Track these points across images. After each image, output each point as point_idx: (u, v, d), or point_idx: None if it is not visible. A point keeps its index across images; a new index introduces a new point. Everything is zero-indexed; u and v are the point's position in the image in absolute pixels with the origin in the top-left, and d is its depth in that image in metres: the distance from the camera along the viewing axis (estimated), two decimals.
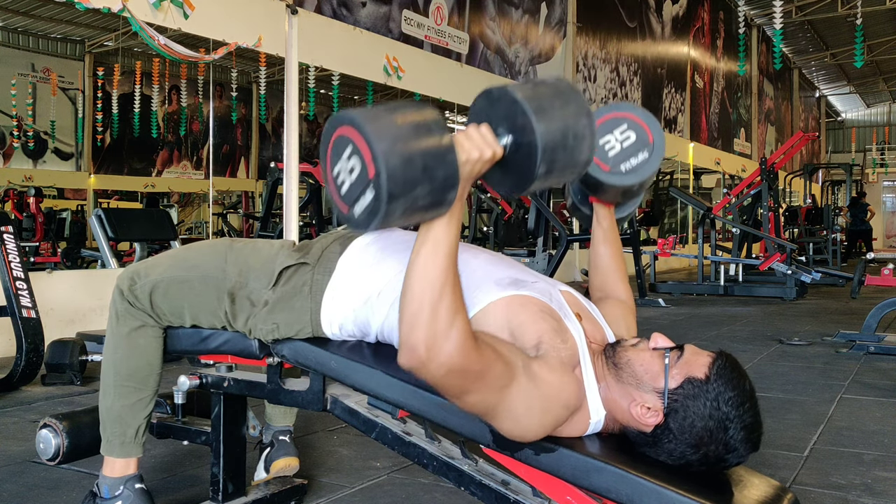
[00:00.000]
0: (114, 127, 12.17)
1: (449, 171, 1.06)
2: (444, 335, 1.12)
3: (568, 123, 1.13)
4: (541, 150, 1.10)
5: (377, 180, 1.02)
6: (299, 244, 1.64)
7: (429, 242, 1.14)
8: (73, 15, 10.82)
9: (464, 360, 1.13)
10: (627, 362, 1.29)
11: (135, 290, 1.64)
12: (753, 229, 8.96)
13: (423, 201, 1.06)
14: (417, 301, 1.13)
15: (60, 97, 11.98)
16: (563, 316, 1.33)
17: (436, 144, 1.05)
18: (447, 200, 1.09)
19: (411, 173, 1.02)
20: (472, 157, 1.12)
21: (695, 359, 1.25)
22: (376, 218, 1.05)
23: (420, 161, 1.03)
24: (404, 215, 1.06)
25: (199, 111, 13.14)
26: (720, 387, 1.21)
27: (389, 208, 1.03)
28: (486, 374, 1.16)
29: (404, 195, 1.03)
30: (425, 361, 1.13)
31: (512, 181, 1.18)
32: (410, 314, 1.14)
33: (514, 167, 1.16)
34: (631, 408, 1.26)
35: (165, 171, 13.06)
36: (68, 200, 11.90)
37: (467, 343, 1.13)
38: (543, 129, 1.10)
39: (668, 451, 1.24)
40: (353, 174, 1.07)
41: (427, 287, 1.13)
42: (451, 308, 1.13)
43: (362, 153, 1.04)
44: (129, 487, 1.65)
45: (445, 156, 1.06)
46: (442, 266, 1.14)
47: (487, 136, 1.14)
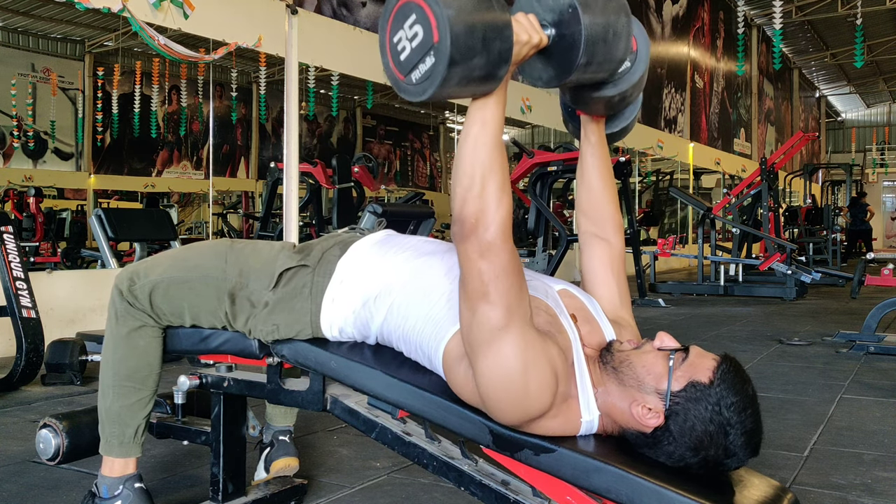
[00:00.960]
0: (114, 127, 12.17)
1: (505, 45, 1.12)
2: (493, 210, 1.18)
3: (609, 20, 1.21)
4: (584, 41, 1.18)
5: (440, 45, 1.08)
6: (299, 246, 1.65)
7: (477, 122, 1.20)
8: (73, 15, 10.82)
9: (503, 241, 1.19)
10: (629, 364, 1.28)
11: (134, 290, 1.63)
12: (753, 229, 8.97)
13: (479, 72, 1.11)
14: (469, 177, 1.19)
15: (60, 97, 11.97)
16: (558, 313, 1.34)
17: (496, 18, 1.12)
18: (499, 75, 1.14)
19: (472, 41, 1.08)
20: (522, 39, 1.18)
21: (699, 361, 1.25)
22: (434, 84, 1.10)
23: (481, 31, 1.09)
24: (459, 84, 1.12)
25: (199, 111, 13.13)
26: (723, 391, 1.21)
27: (449, 73, 1.08)
28: (506, 278, 1.20)
29: (464, 62, 1.09)
30: (475, 229, 1.18)
31: (552, 70, 1.26)
32: (462, 189, 1.19)
33: (557, 56, 1.24)
34: (632, 408, 1.26)
35: (165, 171, 13.05)
36: (68, 200, 11.89)
37: (509, 225, 1.20)
38: (588, 22, 1.18)
39: (667, 453, 1.24)
40: (414, 40, 1.13)
41: (478, 164, 1.19)
42: (500, 186, 1.19)
43: (428, 19, 1.09)
44: (128, 487, 1.65)
45: (503, 30, 1.12)
46: (490, 144, 1.19)
47: (535, 24, 1.21)
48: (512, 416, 1.24)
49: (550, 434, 1.26)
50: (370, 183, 7.92)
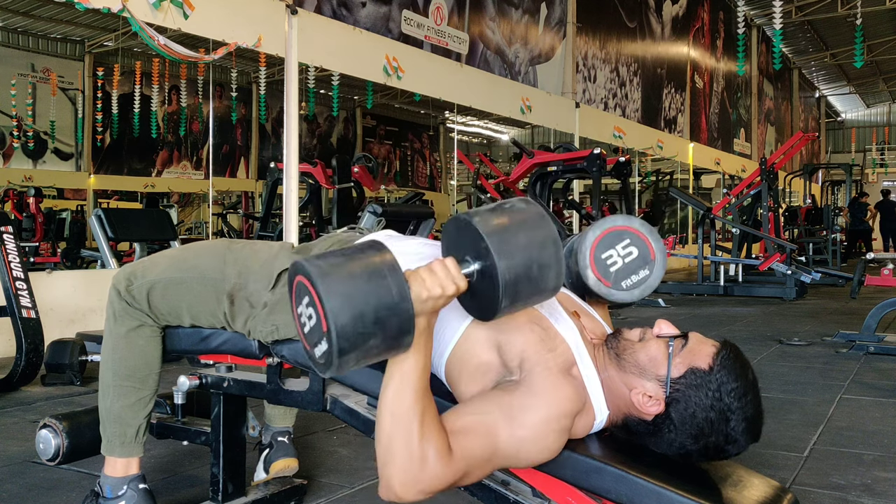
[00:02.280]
0: (114, 127, 12.17)
1: (402, 319, 1.07)
2: (418, 464, 1.12)
3: (532, 255, 1.13)
4: (502, 285, 1.11)
5: (329, 336, 1.04)
6: (298, 246, 1.64)
7: (395, 378, 1.15)
8: (73, 15, 10.82)
9: (443, 479, 1.14)
10: (631, 352, 1.28)
11: (132, 290, 1.63)
12: (753, 229, 8.97)
13: (378, 350, 1.07)
14: (387, 437, 1.14)
15: (60, 97, 11.97)
16: (553, 321, 1.32)
17: (388, 295, 1.06)
18: (403, 345, 1.10)
19: (362, 328, 1.04)
20: (434, 294, 1.12)
21: (699, 348, 1.25)
22: (332, 367, 1.06)
23: (371, 314, 1.04)
24: (360, 362, 1.08)
25: (198, 111, 13.14)
26: (723, 377, 1.21)
27: (342, 360, 1.05)
28: (473, 466, 1.17)
29: (356, 348, 1.05)
30: (401, 496, 1.13)
31: (478, 309, 1.20)
32: (383, 449, 1.14)
33: (480, 295, 1.17)
34: (632, 395, 1.26)
35: (165, 171, 13.05)
36: (68, 200, 11.90)
37: (443, 459, 1.13)
38: (504, 266, 1.10)
39: (668, 441, 1.24)
40: (311, 321, 1.09)
41: (396, 422, 1.13)
42: (420, 435, 1.13)
43: (316, 307, 1.06)
44: (132, 487, 1.65)
45: (398, 305, 1.06)
46: (410, 400, 1.14)
47: (452, 271, 1.14)
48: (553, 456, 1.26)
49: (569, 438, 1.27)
50: (370, 183, 7.92)
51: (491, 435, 1.18)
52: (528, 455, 1.21)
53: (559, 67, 10.37)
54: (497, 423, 1.19)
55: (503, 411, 1.20)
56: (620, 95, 12.22)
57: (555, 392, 1.22)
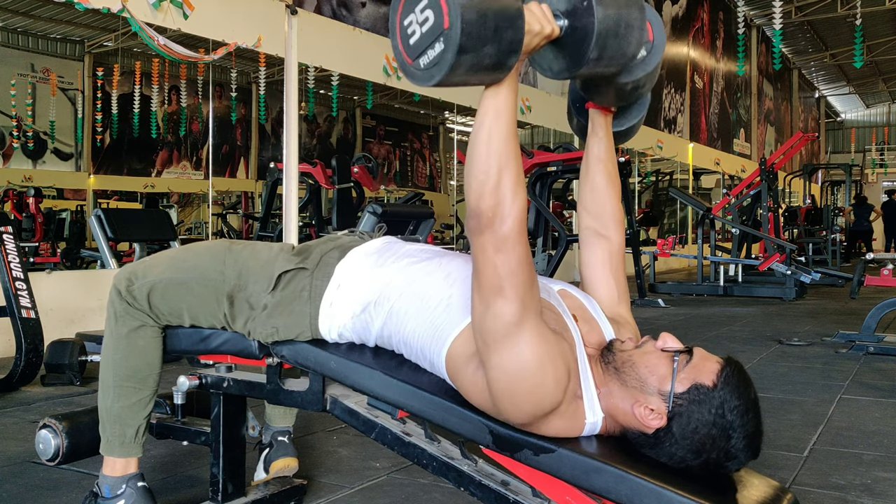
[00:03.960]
0: (113, 127, 12.17)
1: (516, 35, 1.11)
2: (510, 203, 1.16)
3: (622, 13, 1.19)
4: (596, 34, 1.16)
5: (450, 31, 1.06)
6: (298, 247, 1.64)
7: (490, 112, 1.17)
8: (73, 15, 10.82)
9: (518, 235, 1.18)
10: (632, 365, 1.28)
11: (132, 290, 1.63)
12: (753, 230, 8.97)
13: (489, 60, 1.10)
14: (484, 170, 1.16)
15: (60, 97, 11.97)
16: (562, 313, 1.34)
17: (508, 7, 1.10)
18: (509, 64, 1.13)
19: (483, 30, 1.07)
20: (534, 29, 1.16)
21: (703, 364, 1.25)
22: (442, 70, 1.09)
23: (493, 20, 1.08)
24: (468, 72, 1.10)
25: (198, 111, 13.14)
26: (726, 395, 1.21)
27: (457, 61, 1.07)
28: (520, 274, 1.19)
29: (473, 51, 1.07)
30: (491, 223, 1.17)
31: (563, 62, 1.24)
32: (478, 182, 1.17)
33: (568, 48, 1.22)
34: (634, 409, 1.25)
35: (165, 171, 13.05)
36: (68, 201, 11.89)
37: (524, 222, 1.19)
38: (601, 15, 1.16)
39: (668, 454, 1.24)
40: (425, 25, 1.11)
41: (493, 155, 1.16)
42: (516, 177, 1.17)
43: (439, 4, 1.08)
44: (131, 486, 1.65)
45: (515, 20, 1.10)
46: (504, 134, 1.17)
47: (547, 14, 1.19)
48: (524, 412, 1.23)
49: (556, 435, 1.26)
50: (370, 183, 7.92)
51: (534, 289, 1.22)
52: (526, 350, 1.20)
53: None
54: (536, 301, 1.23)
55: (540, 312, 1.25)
56: None
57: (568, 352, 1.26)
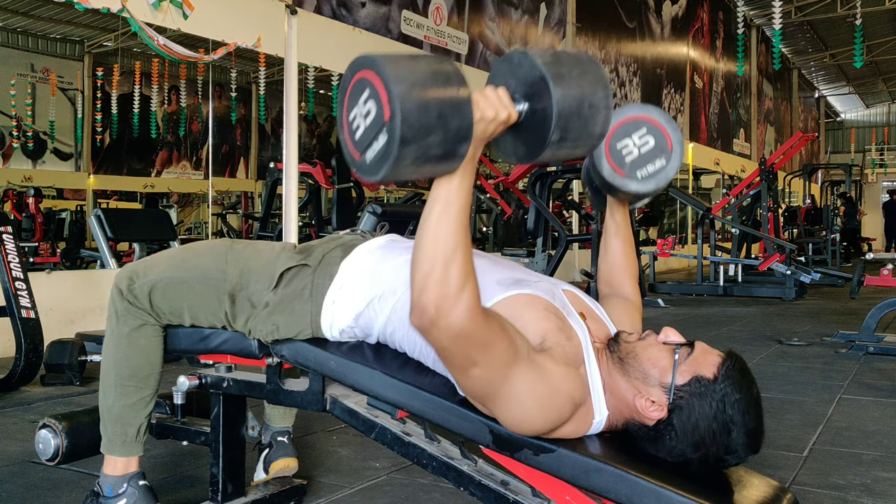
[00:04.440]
0: (113, 127, 12.16)
1: (464, 122, 1.06)
2: (454, 297, 1.11)
3: (585, 92, 1.13)
4: (556, 115, 1.10)
5: (392, 123, 1.02)
6: (300, 246, 1.64)
7: (440, 201, 1.13)
8: (73, 15, 10.81)
9: (473, 325, 1.13)
10: (635, 356, 1.28)
11: (133, 289, 1.63)
12: (753, 230, 8.97)
13: (436, 150, 1.05)
14: (429, 261, 1.12)
15: (60, 97, 11.96)
16: (566, 314, 1.33)
17: (453, 94, 1.05)
18: (459, 153, 1.08)
19: (426, 119, 1.02)
20: (487, 116, 1.11)
21: (704, 357, 1.25)
22: (387, 163, 1.04)
23: (436, 108, 1.03)
24: (415, 163, 1.05)
25: (198, 111, 13.12)
26: (727, 388, 1.21)
27: (401, 153, 1.02)
28: (493, 346, 1.16)
29: (417, 141, 1.02)
30: (435, 321, 1.12)
31: (525, 147, 1.18)
32: (422, 274, 1.13)
33: (528, 132, 1.16)
34: (635, 400, 1.26)
35: (165, 171, 13.04)
36: (67, 201, 11.88)
37: (477, 308, 1.13)
38: (560, 95, 1.10)
39: (668, 448, 1.24)
40: (368, 118, 1.07)
41: (439, 247, 1.12)
42: (463, 270, 1.12)
43: (379, 95, 1.04)
44: (132, 485, 1.65)
45: (461, 106, 1.05)
46: (453, 226, 1.12)
47: (504, 98, 1.14)
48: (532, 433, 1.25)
49: (563, 437, 1.27)
50: (369, 183, 7.91)
51: (516, 348, 1.18)
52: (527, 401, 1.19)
53: None
54: (521, 347, 1.20)
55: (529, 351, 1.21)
56: (620, 95, 12.22)
57: (570, 373, 1.24)
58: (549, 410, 1.21)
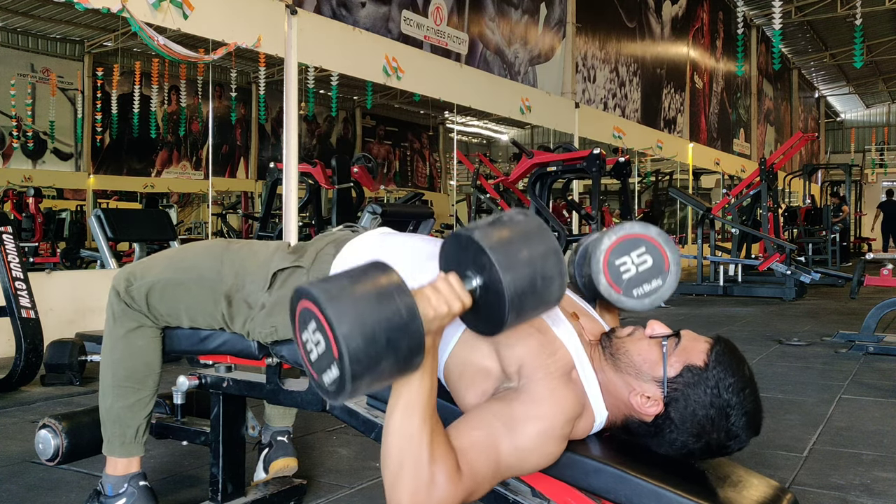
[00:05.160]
0: (113, 127, 12.16)
1: (414, 340, 1.04)
2: (427, 487, 1.10)
3: (535, 268, 1.11)
4: (508, 299, 1.09)
5: (340, 361, 1.01)
6: (294, 246, 1.64)
7: (401, 402, 1.12)
8: (73, 15, 10.81)
9: (453, 496, 1.12)
10: (625, 353, 1.28)
11: (131, 291, 1.63)
12: (753, 230, 8.97)
13: (389, 372, 1.04)
14: (397, 460, 1.11)
15: (60, 97, 11.96)
16: (552, 324, 1.31)
17: (399, 315, 1.03)
18: (414, 366, 1.07)
19: (374, 350, 1.01)
20: (441, 312, 1.09)
21: (692, 345, 1.25)
22: (344, 393, 1.03)
23: (383, 336, 1.01)
24: (372, 385, 1.05)
25: (198, 111, 13.13)
26: (720, 373, 1.21)
27: (355, 385, 1.02)
28: (480, 482, 1.16)
29: (369, 372, 1.02)
30: None
31: (484, 324, 1.17)
32: (391, 473, 1.12)
33: (485, 311, 1.14)
34: (631, 397, 1.25)
35: (165, 171, 13.04)
36: (67, 201, 11.88)
37: (452, 480, 1.12)
38: (510, 279, 1.09)
39: (669, 441, 1.24)
40: (318, 347, 1.05)
41: (405, 445, 1.11)
42: (430, 457, 1.11)
43: (325, 332, 1.02)
44: (132, 485, 1.66)
45: (409, 326, 1.03)
46: (418, 423, 1.11)
47: (455, 287, 1.12)
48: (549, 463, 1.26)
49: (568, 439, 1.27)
50: (369, 183, 7.91)
51: (494, 448, 1.18)
52: (529, 464, 1.21)
53: (559, 67, 10.37)
54: (500, 437, 1.18)
55: (505, 424, 1.19)
56: (620, 95, 12.22)
57: (555, 399, 1.22)
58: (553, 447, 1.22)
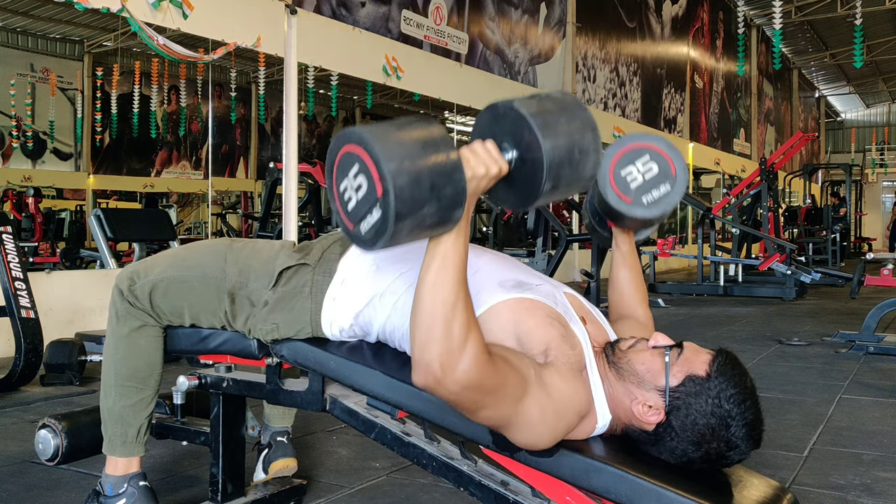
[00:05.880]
0: (113, 127, 12.16)
1: (457, 189, 1.05)
2: (458, 351, 1.11)
3: (574, 139, 1.12)
4: (547, 166, 1.09)
5: (385, 200, 1.01)
6: (299, 245, 1.64)
7: (437, 259, 1.13)
8: (73, 15, 10.81)
9: (479, 376, 1.12)
10: (628, 362, 1.29)
11: (134, 289, 1.64)
12: (753, 229, 8.97)
13: (431, 220, 1.05)
14: (429, 318, 1.12)
15: (59, 97, 11.96)
16: (568, 320, 1.33)
17: (444, 162, 1.04)
18: (454, 218, 1.08)
19: (419, 193, 1.02)
20: (478, 174, 1.11)
21: (695, 356, 1.26)
22: (383, 237, 1.03)
23: (428, 180, 1.02)
24: (411, 234, 1.05)
25: (198, 111, 13.12)
26: (721, 384, 1.22)
27: (397, 227, 1.02)
28: (501, 388, 1.16)
29: (412, 214, 1.02)
30: (441, 379, 1.12)
31: (517, 197, 1.17)
32: (423, 332, 1.12)
33: (520, 182, 1.15)
34: (633, 406, 1.26)
35: (164, 171, 13.04)
36: (67, 200, 11.88)
37: (481, 358, 1.12)
38: (549, 146, 1.09)
39: (670, 449, 1.24)
40: (359, 192, 1.06)
41: (438, 304, 1.11)
42: (465, 324, 1.12)
43: (370, 171, 1.03)
44: (132, 485, 1.66)
45: (453, 174, 1.05)
46: (452, 282, 1.12)
47: (493, 152, 1.13)
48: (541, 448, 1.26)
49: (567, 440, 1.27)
50: None
51: (524, 380, 1.18)
52: (538, 425, 1.20)
53: (559, 67, 10.37)
54: (529, 375, 1.19)
55: (536, 373, 1.20)
56: (620, 95, 12.22)
57: (575, 387, 1.24)
58: (558, 430, 1.23)
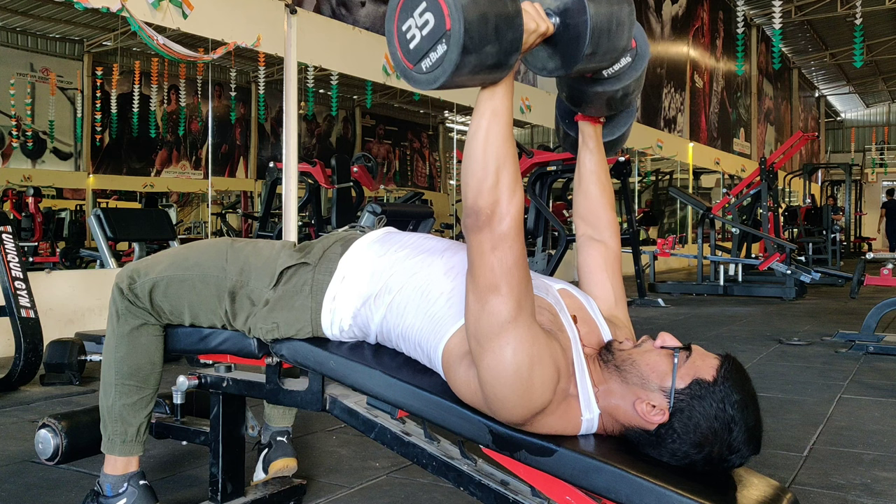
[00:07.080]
0: (113, 127, 12.16)
1: (516, 34, 1.13)
2: (508, 201, 1.18)
3: (613, 9, 1.23)
4: (590, 31, 1.19)
5: (453, 33, 1.08)
6: (300, 244, 1.65)
7: (488, 112, 1.19)
8: (72, 15, 10.81)
9: (516, 235, 1.19)
10: (632, 363, 1.29)
11: (135, 288, 1.64)
12: (753, 229, 8.97)
13: (491, 60, 1.12)
14: (482, 168, 1.18)
15: (59, 97, 11.96)
16: (559, 311, 1.35)
17: (507, 7, 1.12)
18: (510, 63, 1.15)
19: (485, 30, 1.09)
20: (530, 28, 1.18)
21: (703, 360, 1.26)
22: (446, 72, 1.10)
23: (493, 20, 1.10)
24: (471, 72, 1.12)
25: (197, 111, 13.13)
26: (727, 389, 1.22)
27: (462, 61, 1.09)
28: (517, 274, 1.20)
29: (476, 50, 1.09)
30: (489, 221, 1.18)
31: (558, 60, 1.26)
32: (476, 180, 1.18)
33: (561, 47, 1.25)
34: (636, 406, 1.26)
35: (164, 170, 13.04)
36: (67, 200, 11.88)
37: (521, 220, 1.20)
38: (594, 12, 1.19)
39: (671, 450, 1.24)
40: (425, 28, 1.12)
41: (490, 154, 1.18)
42: (513, 177, 1.19)
43: (440, 6, 1.09)
44: (132, 484, 1.66)
45: (514, 19, 1.13)
46: (502, 134, 1.18)
47: (541, 12, 1.22)
48: (514, 412, 1.23)
49: (551, 433, 1.26)
50: (369, 183, 7.91)
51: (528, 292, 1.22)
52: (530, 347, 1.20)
53: None
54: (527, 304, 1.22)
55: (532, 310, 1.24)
56: None
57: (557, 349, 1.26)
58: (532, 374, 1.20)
